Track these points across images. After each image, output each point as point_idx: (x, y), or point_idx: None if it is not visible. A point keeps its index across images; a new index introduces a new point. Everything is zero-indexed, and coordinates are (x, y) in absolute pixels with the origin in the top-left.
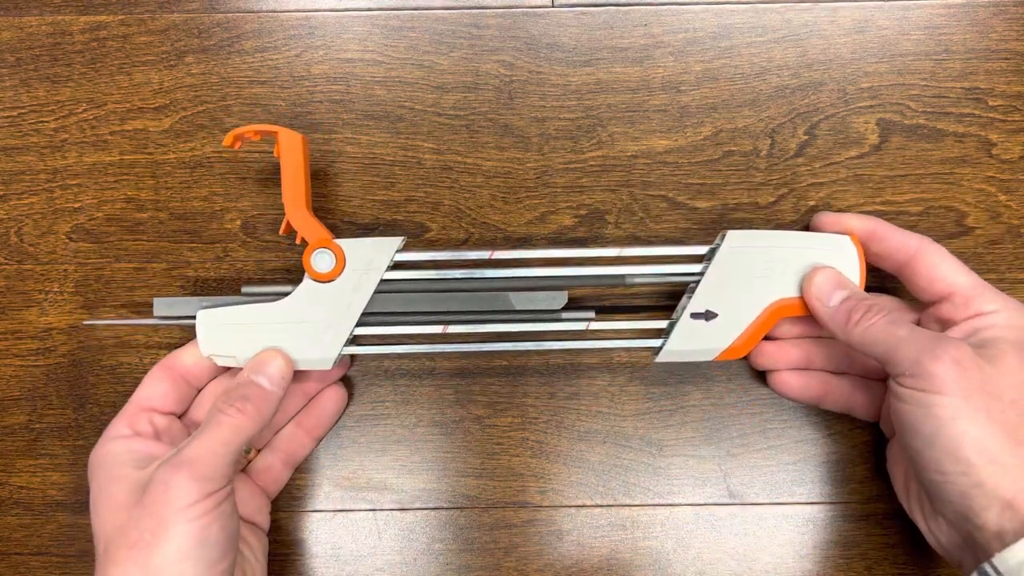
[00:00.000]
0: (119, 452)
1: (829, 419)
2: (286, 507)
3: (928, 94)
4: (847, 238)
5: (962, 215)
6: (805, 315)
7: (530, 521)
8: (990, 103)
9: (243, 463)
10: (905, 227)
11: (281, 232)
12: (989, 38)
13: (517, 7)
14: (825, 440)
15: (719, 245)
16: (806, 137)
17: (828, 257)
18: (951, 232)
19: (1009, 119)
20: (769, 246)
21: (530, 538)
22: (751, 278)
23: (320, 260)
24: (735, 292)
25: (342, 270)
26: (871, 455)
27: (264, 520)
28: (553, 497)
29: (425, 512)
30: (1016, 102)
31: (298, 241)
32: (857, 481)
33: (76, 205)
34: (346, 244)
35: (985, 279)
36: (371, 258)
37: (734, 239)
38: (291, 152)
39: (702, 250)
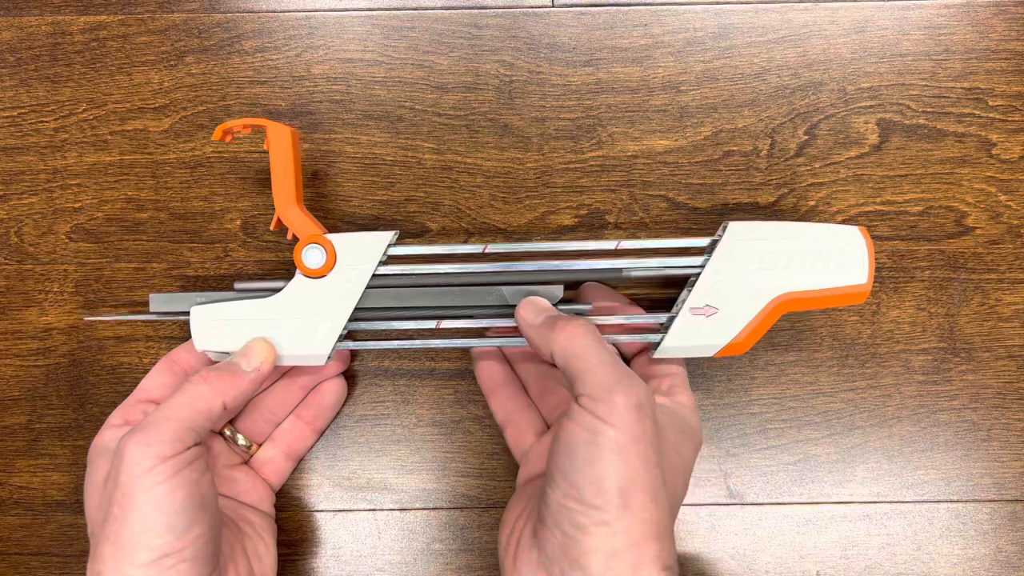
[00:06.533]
0: (108, 440)
1: (829, 419)
2: (286, 507)
3: (928, 94)
4: (855, 229)
5: (962, 215)
6: (804, 310)
7: None
8: (990, 103)
9: (243, 453)
10: (905, 227)
11: (272, 227)
12: (989, 38)
13: (517, 7)
14: (825, 440)
15: (720, 237)
16: (806, 137)
17: (835, 249)
18: (951, 232)
19: (1009, 119)
20: (772, 238)
21: None
22: (753, 271)
23: (311, 256)
24: (736, 286)
25: (333, 265)
26: (871, 455)
27: (268, 508)
28: None
29: (425, 512)
30: (1016, 102)
31: (288, 237)
32: (857, 481)
33: (76, 205)
34: (337, 239)
35: (985, 279)
36: (363, 253)
37: (736, 231)
38: (280, 146)
39: (703, 242)
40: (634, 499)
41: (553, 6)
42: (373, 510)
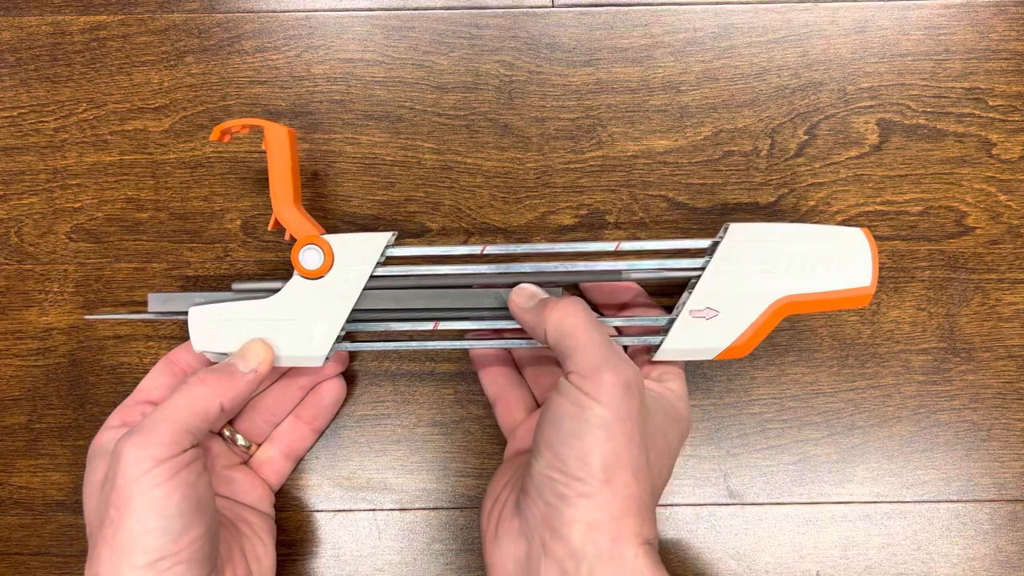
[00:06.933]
0: (107, 441)
1: (829, 419)
2: (286, 507)
3: (928, 94)
4: (859, 230)
5: (962, 215)
6: (807, 313)
7: None
8: (990, 103)
9: (242, 454)
10: (905, 227)
11: (270, 228)
12: (989, 38)
13: (517, 7)
14: (825, 440)
15: (721, 239)
16: (806, 137)
17: (838, 251)
18: (951, 232)
19: (1009, 119)
20: (773, 240)
21: None
22: (754, 274)
23: (308, 257)
24: (737, 288)
25: (331, 266)
26: (871, 455)
27: (267, 508)
28: None
29: (425, 512)
30: (1016, 102)
31: (287, 238)
32: (857, 481)
33: (76, 205)
34: (335, 240)
35: (985, 279)
36: (360, 254)
37: (737, 233)
38: (278, 146)
39: (703, 244)
40: (617, 475)
41: (553, 6)
42: (373, 510)
